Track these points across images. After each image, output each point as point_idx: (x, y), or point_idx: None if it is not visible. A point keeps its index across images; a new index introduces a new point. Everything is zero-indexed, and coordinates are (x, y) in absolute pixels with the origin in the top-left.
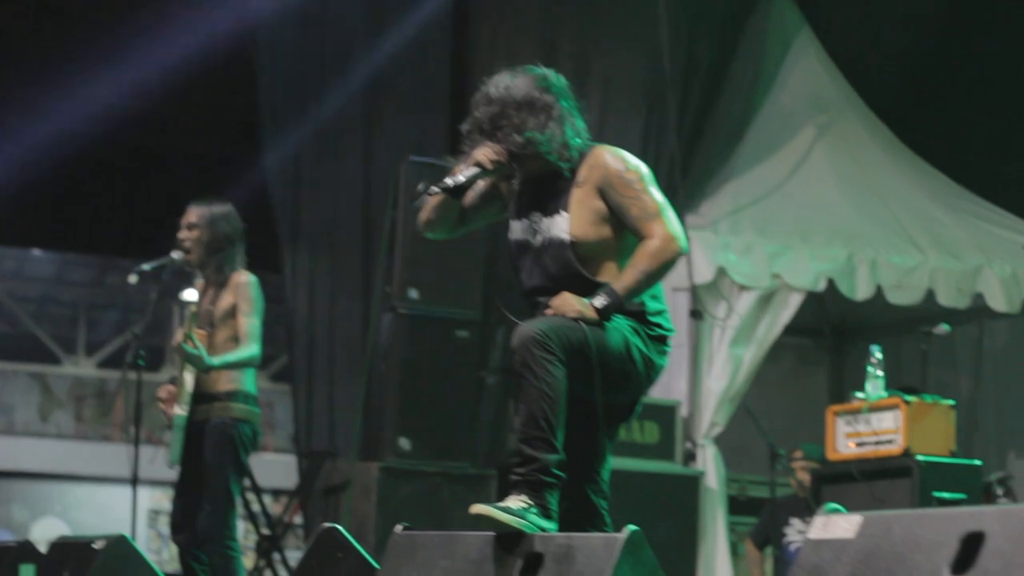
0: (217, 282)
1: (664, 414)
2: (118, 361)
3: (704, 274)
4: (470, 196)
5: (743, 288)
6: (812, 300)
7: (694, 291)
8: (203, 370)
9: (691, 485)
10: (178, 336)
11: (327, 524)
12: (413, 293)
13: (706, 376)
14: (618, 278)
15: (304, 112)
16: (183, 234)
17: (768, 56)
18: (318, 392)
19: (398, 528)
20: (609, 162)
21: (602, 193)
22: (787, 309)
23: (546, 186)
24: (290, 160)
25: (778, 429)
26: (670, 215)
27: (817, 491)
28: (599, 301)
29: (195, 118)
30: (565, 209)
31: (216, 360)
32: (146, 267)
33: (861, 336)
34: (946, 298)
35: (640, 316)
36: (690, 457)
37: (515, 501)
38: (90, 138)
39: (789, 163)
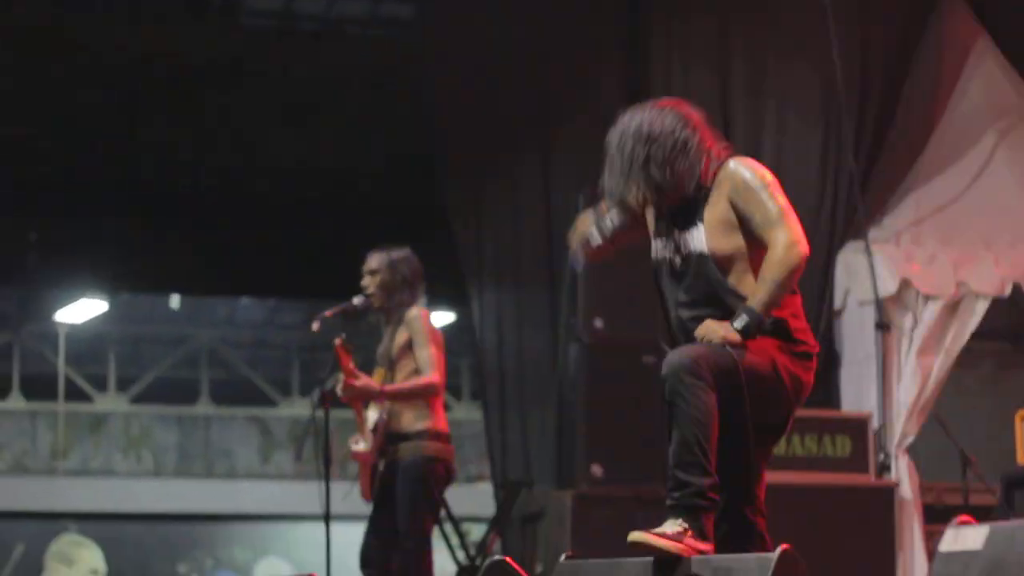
0: (396, 323)
1: (855, 427)
2: (334, 399)
3: (889, 286)
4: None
5: (928, 298)
6: (1009, 303)
7: (879, 304)
8: (375, 399)
9: (886, 497)
10: (344, 375)
11: (496, 557)
12: (598, 322)
13: (895, 387)
14: (752, 295)
15: (481, 146)
16: (365, 280)
17: (946, 65)
18: (511, 423)
19: (562, 557)
20: (737, 171)
21: (732, 203)
22: (974, 316)
23: (683, 204)
24: (470, 195)
25: (978, 435)
26: (791, 220)
27: (1009, 496)
28: (740, 323)
29: (385, 165)
30: (701, 221)
31: (388, 388)
32: (328, 313)
33: None
34: None
35: (785, 334)
36: (884, 469)
37: (672, 525)
38: (287, 189)
39: (970, 171)
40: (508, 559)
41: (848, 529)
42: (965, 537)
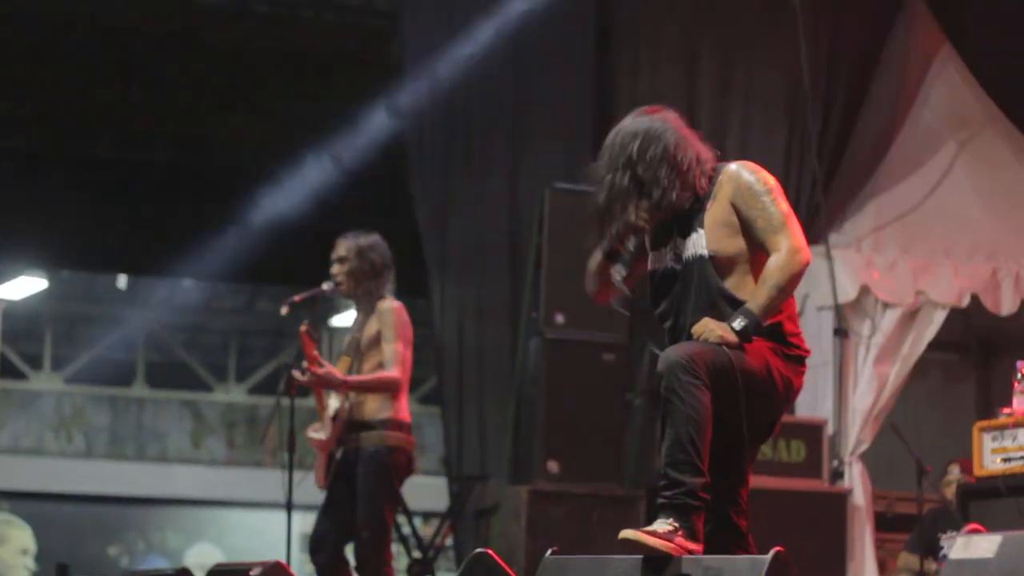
0: (366, 311)
1: (810, 432)
2: (268, 387)
3: (848, 292)
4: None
5: (887, 305)
6: (958, 315)
7: (838, 309)
8: (336, 388)
9: (838, 503)
10: (308, 362)
11: (479, 549)
12: (559, 318)
13: (851, 394)
14: (752, 297)
15: (450, 139)
16: (334, 268)
17: (909, 73)
18: (468, 416)
19: (549, 553)
20: (739, 175)
21: (734, 205)
22: (931, 325)
23: (681, 212)
24: (437, 186)
25: (927, 445)
26: (794, 226)
27: (964, 507)
28: (738, 323)
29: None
30: (701, 226)
31: (351, 380)
32: (297, 298)
33: (1009, 350)
34: None
35: (779, 337)
36: (837, 475)
37: (662, 524)
38: (235, 167)
39: (931, 179)
40: (490, 552)
41: (799, 534)
42: (976, 545)
